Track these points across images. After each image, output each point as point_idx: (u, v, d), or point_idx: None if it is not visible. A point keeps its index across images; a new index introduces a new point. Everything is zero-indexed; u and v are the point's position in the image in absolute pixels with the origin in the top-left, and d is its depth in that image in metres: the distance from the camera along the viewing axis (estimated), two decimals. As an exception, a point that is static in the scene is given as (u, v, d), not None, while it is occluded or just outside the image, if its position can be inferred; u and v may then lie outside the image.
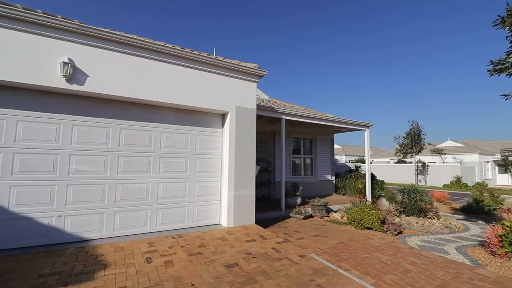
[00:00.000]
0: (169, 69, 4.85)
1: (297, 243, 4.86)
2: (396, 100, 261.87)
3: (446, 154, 26.94)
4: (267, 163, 9.34)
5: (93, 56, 4.21)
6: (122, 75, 4.41)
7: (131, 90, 4.47)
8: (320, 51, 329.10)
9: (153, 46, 4.61)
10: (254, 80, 5.85)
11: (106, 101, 4.55)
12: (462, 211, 9.74)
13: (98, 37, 4.20)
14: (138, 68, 4.55)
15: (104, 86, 4.27)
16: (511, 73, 4.25)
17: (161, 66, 4.77)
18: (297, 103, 18.92)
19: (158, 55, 4.71)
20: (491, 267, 4.22)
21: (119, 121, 4.66)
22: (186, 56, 4.92)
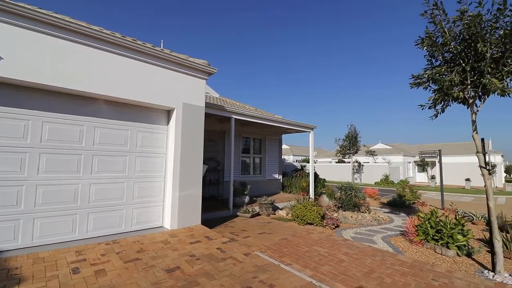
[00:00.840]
0: (106, 58, 4.38)
1: (243, 241, 4.88)
2: (339, 104, 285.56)
3: (377, 155, 30.43)
4: (216, 162, 9.21)
5: (5, 36, 3.55)
6: (44, 60, 3.82)
7: (56, 77, 3.90)
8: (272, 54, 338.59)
9: (82, 28, 4.10)
10: (203, 77, 5.70)
11: (26, 90, 3.89)
12: (389, 205, 11.09)
13: (9, 11, 3.55)
14: (64, 53, 4.00)
15: (22, 71, 3.63)
16: (426, 87, 4.97)
17: (95, 54, 4.27)
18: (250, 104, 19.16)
19: (91, 41, 4.21)
20: (409, 253, 4.88)
21: (41, 113, 4.02)
22: (127, 45, 4.52)
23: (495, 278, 3.77)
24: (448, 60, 4.61)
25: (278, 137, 11.90)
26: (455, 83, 4.22)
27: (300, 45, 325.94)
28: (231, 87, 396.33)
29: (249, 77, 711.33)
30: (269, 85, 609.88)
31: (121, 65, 4.53)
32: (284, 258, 4.10)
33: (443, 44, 4.42)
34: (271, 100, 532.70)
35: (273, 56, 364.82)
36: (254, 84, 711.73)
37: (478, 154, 4.27)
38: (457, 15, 4.16)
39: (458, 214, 8.20)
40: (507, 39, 3.78)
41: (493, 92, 3.92)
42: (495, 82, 3.72)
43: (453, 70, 4.31)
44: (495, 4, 3.84)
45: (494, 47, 3.89)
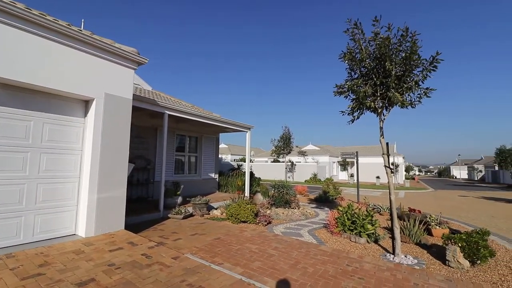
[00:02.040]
0: (1, 31, 3.55)
1: (172, 244, 4.62)
2: (272, 107, 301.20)
3: (308, 155, 33.14)
4: (145, 160, 8.51)
5: None
6: None
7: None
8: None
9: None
10: (131, 66, 5.17)
11: None
12: (316, 201, 12.17)
13: None
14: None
15: None
16: (346, 96, 5.60)
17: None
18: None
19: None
20: (330, 243, 5.41)
21: None
22: (32, 19, 3.75)
23: (394, 259, 4.50)
24: (364, 74, 5.28)
25: (215, 135, 11.75)
26: (368, 94, 4.88)
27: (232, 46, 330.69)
28: (167, 81, 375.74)
29: (186, 71, 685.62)
30: (204, 82, 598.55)
31: (20, 41, 3.74)
32: (215, 258, 4.05)
33: (360, 60, 5.05)
34: (209, 98, 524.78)
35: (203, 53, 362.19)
36: (190, 80, 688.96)
37: (383, 155, 5.04)
38: (372, 35, 4.81)
39: (369, 207, 9.58)
40: (407, 61, 4.56)
41: (396, 104, 4.67)
42: (397, 95, 4.45)
43: (367, 83, 4.98)
44: (399, 31, 4.58)
45: (397, 67, 4.64)
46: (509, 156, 28.87)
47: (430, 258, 4.76)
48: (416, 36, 4.53)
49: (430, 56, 4.59)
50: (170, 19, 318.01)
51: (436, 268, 4.27)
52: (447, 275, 3.95)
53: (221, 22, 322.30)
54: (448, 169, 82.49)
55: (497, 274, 4.06)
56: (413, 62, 4.54)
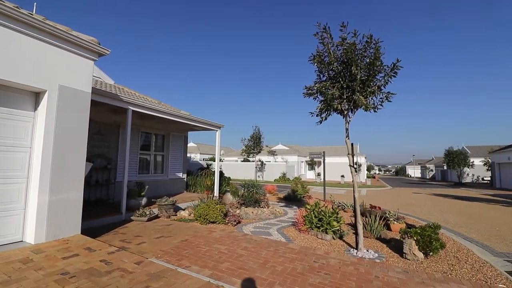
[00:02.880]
0: None
1: (135, 249, 4.35)
2: (247, 106, 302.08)
3: (277, 155, 33.70)
4: (106, 159, 7.94)
5: None
6: None
7: None
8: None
9: None
10: (90, 57, 4.77)
11: None
12: (285, 199, 12.39)
13: None
14: None
15: None
16: (315, 97, 5.77)
17: None
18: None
19: None
20: (298, 241, 5.52)
21: None
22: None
23: (357, 254, 4.72)
24: (331, 77, 5.47)
25: (184, 134, 11.38)
26: (335, 97, 5.07)
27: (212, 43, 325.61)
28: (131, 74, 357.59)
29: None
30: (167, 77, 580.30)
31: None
32: (182, 261, 3.89)
33: (329, 63, 5.23)
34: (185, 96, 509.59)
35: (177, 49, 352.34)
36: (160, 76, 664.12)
37: (348, 155, 5.27)
38: (340, 40, 5.00)
39: (334, 204, 9.99)
40: (371, 66, 4.82)
41: (360, 107, 4.91)
42: (362, 99, 4.68)
43: (334, 86, 5.17)
44: (364, 37, 4.82)
45: (362, 71, 4.88)
46: (456, 157, 32.21)
47: (389, 251, 5.08)
48: (379, 43, 4.81)
49: (391, 63, 4.90)
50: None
51: (394, 260, 4.56)
52: (404, 267, 4.24)
53: (199, 18, 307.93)
54: (404, 169, 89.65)
55: (447, 264, 4.46)
56: (376, 67, 4.81)
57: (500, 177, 27.43)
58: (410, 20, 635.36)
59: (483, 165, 33.68)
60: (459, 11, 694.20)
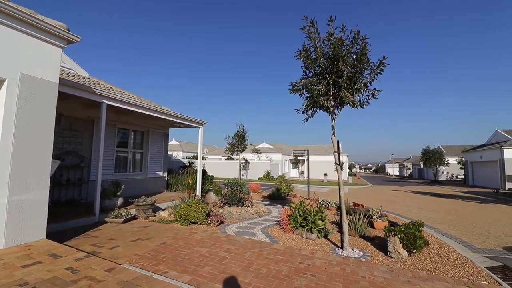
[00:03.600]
0: None
1: (108, 254, 4.00)
2: (229, 104, 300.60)
3: (261, 153, 33.60)
4: (78, 157, 7.40)
5: None
6: None
7: None
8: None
9: None
10: (58, 44, 4.33)
11: None
12: (269, 198, 12.26)
13: None
14: None
15: None
16: (301, 94, 5.63)
17: None
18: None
19: None
20: (283, 241, 5.36)
21: None
22: None
23: (343, 253, 4.63)
24: (318, 73, 5.35)
25: (164, 130, 10.92)
26: (321, 93, 4.94)
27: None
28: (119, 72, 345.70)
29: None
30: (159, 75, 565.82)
31: None
32: (160, 266, 3.60)
33: (315, 58, 5.09)
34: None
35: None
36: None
37: (334, 153, 5.18)
38: (327, 35, 4.87)
39: (319, 203, 9.98)
40: (357, 62, 4.73)
41: (347, 103, 4.81)
42: (349, 95, 4.58)
43: (321, 82, 5.04)
44: (352, 33, 4.71)
45: (349, 67, 4.78)
46: (432, 156, 33.62)
47: (374, 250, 5.04)
48: (366, 39, 4.72)
49: (377, 60, 4.83)
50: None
51: (379, 259, 4.51)
52: (389, 265, 4.19)
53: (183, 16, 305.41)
54: (383, 167, 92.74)
55: (430, 262, 4.47)
56: (362, 64, 4.72)
57: (473, 175, 28.92)
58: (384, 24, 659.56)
59: (457, 163, 35.38)
60: (429, 15, 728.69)
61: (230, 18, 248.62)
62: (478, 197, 16.49)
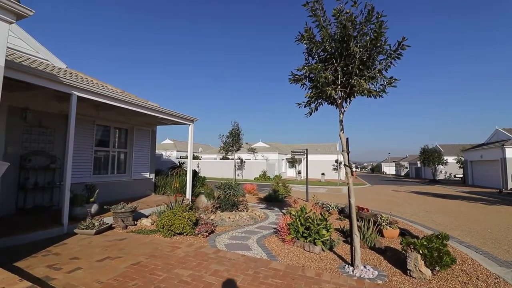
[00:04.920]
0: None
1: (63, 281, 3.16)
2: (224, 102, 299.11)
3: (257, 152, 32.80)
4: (49, 157, 6.51)
5: None
6: None
7: None
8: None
9: None
10: (6, 18, 3.46)
11: None
12: (265, 200, 11.46)
13: None
14: None
15: None
16: (302, 84, 4.84)
17: None
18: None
19: None
20: (282, 256, 4.54)
21: None
22: None
23: (355, 273, 3.86)
24: (323, 60, 4.56)
25: (151, 128, 10.03)
26: (328, 81, 4.15)
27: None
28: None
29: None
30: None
31: None
32: (125, 300, 2.78)
33: (321, 41, 4.30)
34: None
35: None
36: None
37: (343, 152, 4.39)
38: (336, 11, 4.07)
39: (322, 209, 9.20)
40: (372, 44, 3.94)
41: (360, 93, 4.02)
42: (362, 83, 3.79)
43: (327, 68, 4.25)
44: (366, 7, 3.91)
45: (362, 50, 3.99)
46: (431, 155, 33.15)
47: (389, 266, 4.28)
48: (382, 17, 3.94)
49: (395, 42, 4.05)
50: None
51: (399, 280, 3.75)
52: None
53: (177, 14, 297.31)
54: (379, 166, 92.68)
55: (459, 283, 3.72)
56: (378, 46, 3.94)
57: (473, 174, 28.49)
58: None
59: (456, 162, 35.00)
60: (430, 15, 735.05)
61: (222, 16, 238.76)
62: (482, 198, 15.91)
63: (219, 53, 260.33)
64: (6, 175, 5.83)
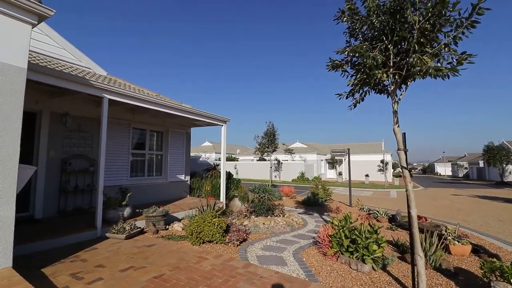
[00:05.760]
0: None
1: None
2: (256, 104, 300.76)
3: (295, 153, 31.81)
4: (88, 161, 6.70)
5: None
6: None
7: None
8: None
9: None
10: (26, 19, 3.41)
11: None
12: (303, 204, 10.70)
13: None
14: None
15: None
16: (343, 71, 4.11)
17: None
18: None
19: None
20: (323, 275, 3.84)
21: None
22: None
23: (418, 306, 3.01)
24: (368, 39, 3.79)
25: (186, 130, 10.00)
26: (377, 64, 3.36)
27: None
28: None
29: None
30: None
31: None
32: (138, 324, 2.40)
33: (366, 15, 3.56)
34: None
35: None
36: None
37: (399, 151, 3.54)
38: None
39: (369, 216, 8.16)
40: (436, 10, 3.06)
41: (422, 74, 3.14)
42: (426, 60, 2.94)
43: (375, 47, 3.47)
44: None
45: (423, 20, 3.14)
46: (498, 153, 28.62)
47: (465, 297, 3.32)
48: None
49: (467, 8, 3.10)
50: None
51: (484, 320, 2.81)
52: None
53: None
54: (432, 166, 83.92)
55: None
56: (446, 10, 3.05)
57: (555, 175, 23.79)
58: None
59: (530, 161, 29.71)
60: None
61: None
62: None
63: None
64: (49, 178, 6.10)
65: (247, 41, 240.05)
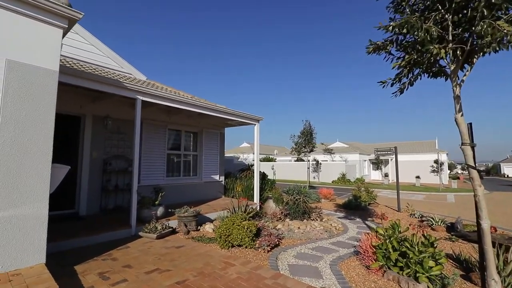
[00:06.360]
0: None
1: (102, 295, 2.87)
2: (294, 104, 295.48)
3: (335, 153, 30.30)
4: (127, 161, 6.97)
5: None
6: None
7: None
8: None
9: None
10: (56, 23, 3.52)
11: None
12: (344, 207, 9.91)
13: None
14: None
15: None
16: (387, 53, 3.51)
17: None
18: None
19: None
20: (364, 290, 3.31)
21: None
22: None
23: None
24: (418, 10, 3.15)
25: (220, 130, 9.97)
26: (432, 37, 2.73)
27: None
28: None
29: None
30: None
31: None
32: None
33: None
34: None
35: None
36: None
37: (463, 146, 2.83)
38: None
39: (421, 223, 7.13)
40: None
41: (496, 45, 2.44)
42: (503, 25, 2.25)
43: (428, 18, 2.83)
44: None
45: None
46: None
47: None
48: None
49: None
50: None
51: None
52: None
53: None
54: (497, 167, 73.19)
55: None
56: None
57: None
58: None
59: None
60: None
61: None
62: None
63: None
64: (92, 178, 6.47)
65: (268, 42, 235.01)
